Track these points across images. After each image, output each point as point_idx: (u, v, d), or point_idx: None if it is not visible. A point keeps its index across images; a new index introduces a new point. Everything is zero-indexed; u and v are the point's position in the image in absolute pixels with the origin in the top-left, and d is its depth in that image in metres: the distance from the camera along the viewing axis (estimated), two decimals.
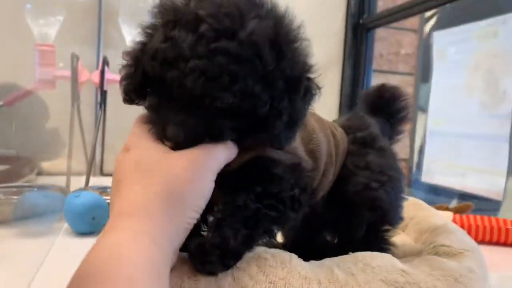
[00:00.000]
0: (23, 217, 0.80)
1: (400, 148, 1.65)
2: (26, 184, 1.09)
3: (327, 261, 0.50)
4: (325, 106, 1.62)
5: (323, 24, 1.62)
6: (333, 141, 0.57)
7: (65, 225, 0.83)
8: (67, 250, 0.73)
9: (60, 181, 1.10)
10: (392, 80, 1.68)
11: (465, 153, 1.12)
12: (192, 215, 0.40)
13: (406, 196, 0.87)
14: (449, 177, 1.18)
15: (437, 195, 1.33)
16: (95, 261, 0.34)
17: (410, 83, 1.69)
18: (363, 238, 0.59)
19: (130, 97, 0.46)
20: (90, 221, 0.78)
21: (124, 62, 0.45)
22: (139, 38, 0.44)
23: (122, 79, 0.46)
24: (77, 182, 1.08)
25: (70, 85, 1.15)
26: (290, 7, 0.45)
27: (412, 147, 1.69)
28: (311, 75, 0.45)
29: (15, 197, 0.84)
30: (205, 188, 0.41)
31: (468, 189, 1.11)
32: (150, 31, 0.43)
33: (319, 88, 0.45)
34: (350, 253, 0.52)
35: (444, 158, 1.21)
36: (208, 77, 0.38)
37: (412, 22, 1.67)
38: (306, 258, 0.51)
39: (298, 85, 0.44)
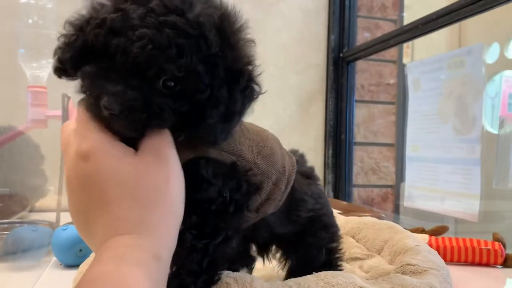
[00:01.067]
0: (12, 252, 0.82)
1: (385, 174, 1.70)
2: (17, 220, 1.12)
3: (289, 281, 0.53)
4: (310, 136, 1.67)
5: (305, 59, 1.69)
6: (290, 160, 0.59)
7: (53, 258, 0.85)
8: (54, 283, 0.75)
9: (52, 217, 1.13)
10: (375, 109, 1.73)
11: (442, 177, 1.16)
12: (181, 210, 0.41)
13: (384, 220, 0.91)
14: (429, 201, 1.22)
15: (421, 219, 1.36)
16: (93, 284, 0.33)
17: (393, 112, 1.75)
18: (324, 263, 0.62)
19: (64, 66, 0.43)
20: (77, 253, 0.81)
21: (65, 32, 0.43)
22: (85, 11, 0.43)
23: (59, 47, 0.44)
24: (69, 217, 1.10)
25: (61, 124, 1.20)
26: (272, 42, 0.48)
27: (397, 174, 1.73)
28: (254, 73, 0.45)
29: (5, 232, 0.87)
30: (181, 179, 0.41)
31: (448, 212, 1.14)
32: (97, 7, 0.42)
33: (260, 86, 0.46)
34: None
35: (424, 183, 1.24)
36: (156, 46, 0.38)
37: (391, 53, 1.75)
38: None
39: (239, 77, 0.43)
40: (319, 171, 1.71)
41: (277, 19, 1.66)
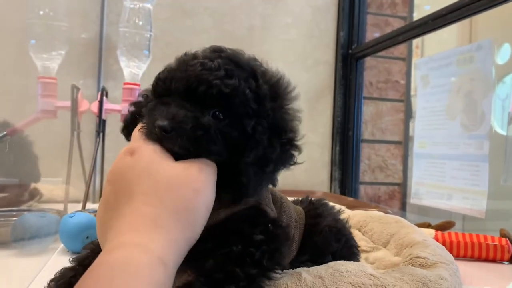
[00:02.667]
0: (20, 238, 0.83)
1: (393, 172, 1.69)
2: (26, 208, 1.13)
3: (300, 269, 0.53)
4: (318, 133, 1.67)
5: (314, 55, 1.68)
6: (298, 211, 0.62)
7: (61, 245, 0.86)
8: (60, 268, 0.76)
9: (60, 207, 1.14)
10: (383, 107, 1.73)
11: (449, 174, 1.15)
12: (199, 230, 0.40)
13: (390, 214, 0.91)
14: (436, 198, 1.21)
15: (428, 217, 1.35)
16: (95, 283, 0.33)
17: (401, 109, 1.74)
18: None
19: (127, 123, 0.51)
20: (84, 240, 0.81)
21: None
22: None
23: (127, 115, 0.51)
24: (76, 208, 1.11)
25: (70, 115, 1.21)
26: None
27: (405, 172, 1.72)
28: (295, 139, 0.49)
29: (13, 219, 0.87)
30: (211, 199, 0.42)
31: (455, 209, 1.13)
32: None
33: (299, 152, 0.50)
34: None
35: (431, 180, 1.24)
36: (206, 68, 0.43)
37: (400, 50, 1.74)
38: None
39: (280, 132, 0.47)
40: (326, 168, 1.72)
41: (286, 16, 1.66)
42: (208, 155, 0.44)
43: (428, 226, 0.96)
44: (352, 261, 0.55)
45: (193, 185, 0.40)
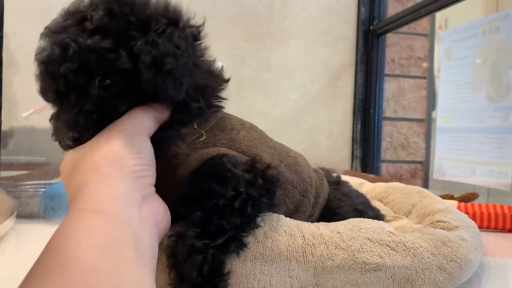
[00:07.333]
0: (49, 207, 0.86)
1: (415, 150, 1.67)
2: (54, 181, 1.16)
3: (318, 223, 0.53)
4: (339, 111, 1.66)
5: (334, 32, 1.66)
6: (317, 174, 0.63)
7: None
8: None
9: None
10: (405, 84, 1.70)
11: (474, 147, 1.14)
12: (131, 163, 0.41)
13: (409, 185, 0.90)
14: (460, 173, 1.19)
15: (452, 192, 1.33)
16: (45, 255, 0.34)
17: (424, 86, 1.71)
18: None
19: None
20: None
21: None
22: None
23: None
24: None
25: None
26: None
27: (427, 150, 1.70)
28: (179, 20, 0.48)
29: (42, 190, 0.91)
30: (143, 147, 0.43)
31: (479, 182, 1.12)
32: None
33: (196, 30, 0.51)
34: None
35: (454, 154, 1.22)
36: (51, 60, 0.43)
37: (423, 26, 1.70)
38: None
39: (149, 24, 0.44)
40: (346, 146, 1.71)
41: None
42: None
43: (451, 197, 0.95)
44: (371, 219, 0.55)
45: (116, 145, 0.41)
